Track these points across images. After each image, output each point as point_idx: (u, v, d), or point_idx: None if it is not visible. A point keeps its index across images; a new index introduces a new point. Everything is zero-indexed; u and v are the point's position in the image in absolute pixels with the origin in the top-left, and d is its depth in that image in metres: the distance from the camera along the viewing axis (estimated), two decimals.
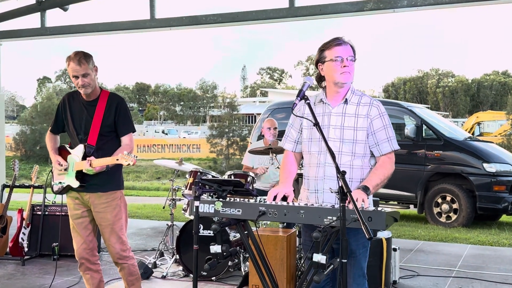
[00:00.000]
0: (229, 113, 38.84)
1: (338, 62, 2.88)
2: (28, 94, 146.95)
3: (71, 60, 3.71)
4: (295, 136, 3.11)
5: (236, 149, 35.57)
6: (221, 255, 2.82)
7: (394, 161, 2.95)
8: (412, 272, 5.49)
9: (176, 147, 41.18)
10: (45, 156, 38.02)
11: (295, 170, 3.12)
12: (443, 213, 8.84)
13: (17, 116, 57.94)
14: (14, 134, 39.06)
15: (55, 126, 4.01)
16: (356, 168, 2.91)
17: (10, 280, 5.27)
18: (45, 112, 39.01)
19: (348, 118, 2.92)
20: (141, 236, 7.53)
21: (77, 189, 3.81)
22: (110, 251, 3.92)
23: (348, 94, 2.95)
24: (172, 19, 8.16)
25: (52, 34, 8.97)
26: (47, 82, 73.20)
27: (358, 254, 2.87)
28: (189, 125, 64.72)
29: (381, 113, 2.93)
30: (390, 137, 2.93)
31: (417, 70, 74.09)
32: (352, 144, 2.90)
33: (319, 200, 2.92)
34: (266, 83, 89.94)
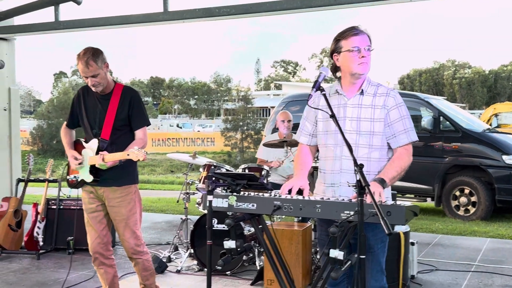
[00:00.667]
0: (243, 106, 38.79)
1: (355, 53, 2.78)
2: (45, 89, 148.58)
3: (79, 60, 3.67)
4: (310, 129, 3.02)
5: (250, 142, 35.52)
6: (235, 251, 2.76)
7: (411, 153, 2.85)
8: (431, 266, 5.39)
9: (190, 140, 41.25)
10: (61, 150, 38.27)
11: (310, 163, 3.03)
12: (461, 206, 8.70)
13: (34, 111, 58.47)
14: (31, 129, 39.40)
15: (71, 120, 3.98)
16: (374, 160, 2.81)
17: (25, 274, 5.27)
18: (61, 106, 39.26)
19: (365, 110, 2.83)
20: (155, 230, 7.51)
21: (91, 183, 3.78)
22: (125, 246, 3.89)
23: (364, 84, 2.86)
24: (185, 11, 8.09)
25: (65, 28, 8.95)
26: (63, 76, 73.67)
27: (376, 249, 2.78)
28: (203, 119, 64.79)
29: (398, 103, 2.83)
30: (408, 128, 2.83)
31: (433, 61, 73.40)
32: (369, 136, 2.81)
33: (336, 194, 2.84)
34: (280, 76, 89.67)
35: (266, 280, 4.71)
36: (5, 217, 5.89)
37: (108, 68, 3.77)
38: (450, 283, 4.89)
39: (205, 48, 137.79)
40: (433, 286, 4.81)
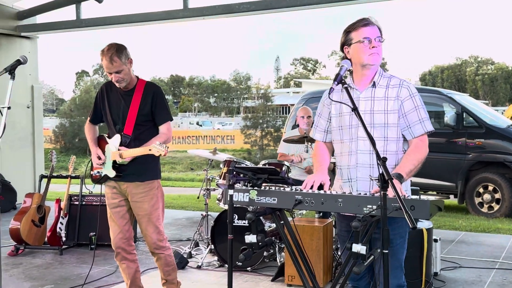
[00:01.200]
0: (263, 104, 38.76)
1: (366, 43, 2.75)
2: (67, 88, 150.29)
3: (103, 56, 3.69)
4: (324, 126, 2.99)
5: (270, 140, 35.48)
6: (256, 245, 2.74)
7: (427, 144, 2.78)
8: (454, 263, 5.31)
9: (210, 138, 41.37)
10: (83, 148, 38.76)
11: (328, 158, 3.01)
12: (484, 203, 8.56)
13: (57, 110, 59.23)
14: (53, 127, 39.93)
15: (94, 116, 4.00)
16: (390, 153, 2.76)
17: (48, 269, 5.34)
18: (83, 105, 39.69)
19: (378, 102, 2.78)
20: (176, 226, 7.54)
21: (114, 178, 3.80)
22: (147, 241, 3.90)
23: (376, 76, 2.81)
24: (205, 8, 8.12)
25: (87, 26, 9.06)
26: (85, 75, 74.54)
27: (395, 245, 2.73)
28: (223, 117, 64.93)
29: (412, 93, 2.78)
30: (423, 119, 2.77)
31: (455, 57, 72.43)
32: (383, 128, 2.76)
33: (353, 189, 2.80)
34: (300, 74, 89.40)
35: (287, 276, 4.69)
36: (28, 213, 5.96)
37: (132, 64, 3.78)
38: (474, 280, 4.81)
39: (224, 46, 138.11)
40: (457, 283, 4.74)
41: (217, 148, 6.04)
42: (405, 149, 2.82)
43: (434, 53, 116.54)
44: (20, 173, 9.53)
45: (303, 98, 10.27)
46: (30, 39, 9.88)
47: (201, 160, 30.27)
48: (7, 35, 9.48)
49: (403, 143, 2.82)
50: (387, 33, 3.33)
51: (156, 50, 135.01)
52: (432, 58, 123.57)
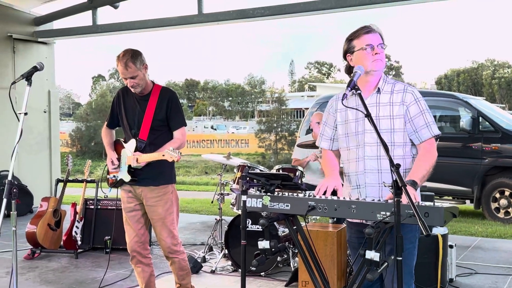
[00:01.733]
0: (277, 108, 38.76)
1: (368, 50, 2.78)
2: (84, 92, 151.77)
3: (119, 62, 3.73)
4: (330, 134, 3.02)
5: (284, 144, 35.45)
6: (269, 251, 2.74)
7: (435, 147, 2.78)
8: (470, 270, 5.26)
9: (224, 142, 41.47)
10: (99, 151, 39.10)
11: (338, 164, 3.02)
12: (501, 208, 8.46)
13: (73, 114, 59.81)
14: (70, 131, 40.33)
15: (111, 121, 4.05)
16: (397, 158, 2.76)
17: (64, 273, 5.39)
18: (99, 109, 40.06)
19: (383, 107, 2.80)
20: (190, 231, 7.57)
21: (129, 183, 3.84)
22: (161, 245, 3.93)
23: (380, 83, 2.83)
24: (219, 13, 8.16)
25: (103, 31, 9.16)
26: (101, 80, 75.16)
27: (404, 250, 2.71)
28: (238, 120, 65.04)
29: (417, 98, 2.79)
30: (429, 122, 2.77)
31: (471, 61, 71.86)
32: (390, 133, 2.77)
33: (361, 195, 2.81)
34: (314, 77, 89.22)
35: (301, 281, 4.67)
36: (44, 217, 6.03)
37: (147, 69, 3.82)
38: (490, 287, 4.76)
39: (239, 50, 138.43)
40: None
41: (231, 152, 6.06)
42: (413, 154, 2.82)
43: (450, 57, 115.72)
44: (36, 177, 9.64)
45: (317, 102, 10.25)
46: (47, 44, 10.01)
47: (215, 164, 30.33)
48: (25, 40, 9.61)
49: (411, 147, 2.82)
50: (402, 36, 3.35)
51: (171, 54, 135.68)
52: (448, 62, 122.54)
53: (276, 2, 7.93)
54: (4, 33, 9.30)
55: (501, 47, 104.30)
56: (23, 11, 9.62)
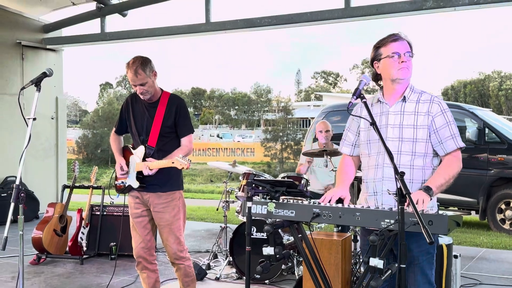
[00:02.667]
0: (283, 117, 38.83)
1: (395, 58, 2.78)
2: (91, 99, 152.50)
3: (128, 69, 3.77)
4: (352, 139, 3.02)
5: (290, 153, 35.46)
6: (273, 257, 2.76)
7: (460, 159, 2.78)
8: (474, 280, 5.24)
9: (230, 150, 41.51)
10: (105, 159, 39.26)
11: (353, 174, 3.03)
12: (507, 219, 8.43)
13: (80, 121, 60.09)
14: (76, 138, 40.53)
15: (120, 127, 4.09)
16: (417, 168, 2.77)
17: (69, 279, 5.41)
18: (106, 116, 40.27)
19: (407, 116, 2.80)
20: (195, 238, 7.58)
21: (137, 189, 3.87)
22: (168, 251, 3.95)
23: (407, 91, 2.83)
24: (227, 22, 8.22)
25: (111, 39, 9.23)
26: (109, 87, 75.53)
27: (421, 261, 2.72)
28: (244, 129, 65.13)
29: (443, 109, 2.79)
30: (455, 134, 2.77)
31: (478, 72, 71.59)
32: (412, 143, 2.77)
33: (378, 202, 2.81)
34: (321, 87, 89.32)
35: None
36: (50, 222, 6.06)
37: (156, 77, 3.86)
38: None
39: (245, 59, 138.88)
40: None
41: (237, 161, 6.08)
42: (433, 165, 2.82)
43: (457, 68, 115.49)
44: (43, 183, 9.69)
45: (323, 111, 10.28)
46: (55, 51, 10.10)
47: (221, 172, 30.37)
48: (33, 47, 9.71)
49: (432, 158, 2.82)
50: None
51: (178, 62, 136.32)
52: (455, 73, 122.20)
53: (283, 12, 7.99)
54: (13, 40, 9.40)
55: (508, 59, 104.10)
56: (32, 18, 9.72)
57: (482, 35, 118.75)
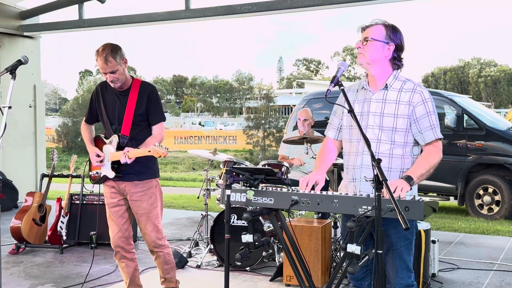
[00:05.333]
0: (265, 104, 38.80)
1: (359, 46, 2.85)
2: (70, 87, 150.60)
3: (98, 56, 3.70)
4: (337, 124, 3.04)
5: (272, 141, 35.52)
6: (252, 245, 2.77)
7: (441, 149, 2.81)
8: (452, 265, 5.33)
9: (212, 138, 41.39)
10: (85, 147, 38.82)
11: (333, 158, 3.04)
12: (484, 205, 8.57)
13: (59, 109, 59.39)
14: (56, 126, 40.05)
15: (90, 116, 4.03)
16: (396, 157, 2.79)
17: (49, 268, 5.37)
18: (86, 104, 39.53)
19: (389, 105, 2.81)
20: (176, 226, 7.57)
21: (113, 179, 3.83)
22: (146, 239, 3.94)
23: (390, 79, 2.84)
24: (207, 9, 8.15)
25: (89, 26, 9.10)
26: (88, 75, 74.61)
27: (399, 247, 2.76)
28: (226, 117, 64.99)
29: (425, 99, 2.80)
30: (434, 125, 2.79)
31: (458, 59, 72.35)
32: (391, 132, 2.79)
33: (356, 189, 2.84)
34: (303, 75, 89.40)
35: (285, 276, 4.72)
36: (29, 212, 6.00)
37: (127, 64, 3.81)
38: (472, 282, 4.83)
39: (227, 46, 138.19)
40: (454, 284, 4.76)
41: (219, 149, 6.07)
42: (413, 154, 2.85)
43: (437, 55, 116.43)
44: (22, 172, 9.58)
45: (304, 99, 10.29)
46: (32, 38, 9.93)
47: (203, 160, 30.29)
48: (10, 34, 9.53)
49: (413, 147, 2.84)
50: None
51: (159, 50, 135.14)
52: (435, 60, 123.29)
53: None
54: None
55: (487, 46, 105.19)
56: (8, 5, 9.53)
57: (462, 22, 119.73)
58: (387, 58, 2.84)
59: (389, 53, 2.83)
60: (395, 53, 2.85)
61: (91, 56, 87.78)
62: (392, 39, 2.81)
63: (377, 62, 2.83)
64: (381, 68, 2.85)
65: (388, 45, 2.81)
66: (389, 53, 2.83)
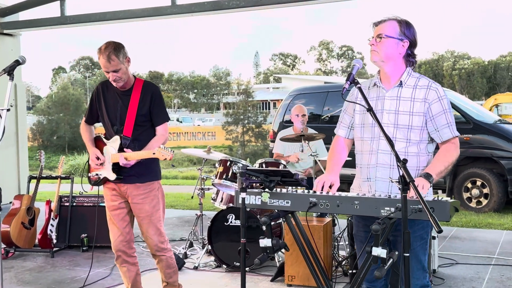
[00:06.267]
0: (244, 100, 38.73)
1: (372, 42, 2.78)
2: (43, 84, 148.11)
3: (101, 55, 3.58)
4: (348, 122, 2.95)
5: (251, 136, 35.51)
6: (271, 249, 2.69)
7: (458, 146, 2.77)
8: (451, 260, 5.33)
9: (191, 135, 41.15)
10: (62, 145, 38.25)
11: (345, 157, 2.97)
12: (473, 198, 8.63)
13: (33, 107, 58.35)
14: (31, 125, 39.31)
15: (90, 117, 3.90)
16: (412, 155, 2.74)
17: (41, 273, 5.21)
18: (61, 102, 39.12)
19: (403, 102, 2.74)
20: (167, 226, 7.43)
21: (114, 181, 3.71)
22: (148, 243, 3.83)
23: (404, 76, 2.77)
24: (193, 4, 8.00)
25: (72, 23, 8.88)
26: (62, 72, 73.39)
27: (415, 247, 2.70)
28: (203, 113, 64.69)
29: (440, 96, 2.74)
30: (451, 122, 2.74)
31: (432, 52, 73.30)
32: (407, 130, 2.73)
33: (371, 189, 2.77)
34: (279, 69, 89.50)
35: (287, 276, 4.65)
36: (18, 215, 5.82)
37: (130, 63, 3.69)
38: (473, 277, 4.83)
39: (203, 41, 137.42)
40: (456, 280, 4.75)
41: (198, 145, 5.97)
42: (428, 152, 2.80)
43: None
44: (4, 173, 9.30)
45: (291, 94, 10.23)
46: (12, 36, 9.64)
47: (182, 157, 30.06)
48: None
49: (427, 145, 2.79)
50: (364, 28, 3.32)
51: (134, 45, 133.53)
52: None
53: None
54: None
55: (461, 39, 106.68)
56: None
57: (436, 15, 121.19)
58: (401, 55, 2.77)
59: (404, 50, 2.77)
60: (409, 49, 2.79)
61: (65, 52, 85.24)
62: (406, 36, 2.75)
63: (391, 59, 2.76)
64: (395, 65, 2.78)
65: (403, 41, 2.74)
66: (403, 50, 2.76)
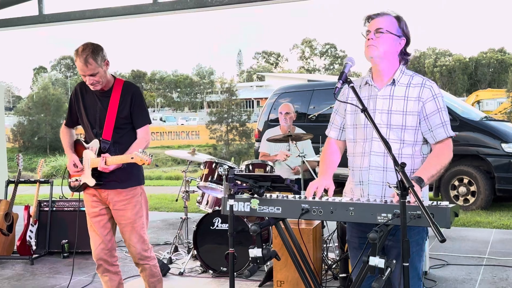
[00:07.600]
0: (227, 98, 38.48)
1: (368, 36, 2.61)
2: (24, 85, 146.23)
3: (78, 57, 3.38)
4: (339, 122, 2.80)
5: (235, 135, 35.30)
6: (261, 259, 2.54)
7: (452, 148, 2.62)
8: (442, 261, 5.24)
9: (175, 134, 40.80)
10: (43, 146, 37.67)
11: (337, 160, 2.81)
12: (460, 196, 8.58)
13: (14, 107, 57.46)
14: (11, 126, 38.64)
15: (70, 119, 3.71)
16: (406, 157, 2.59)
17: (20, 281, 5.01)
18: (41, 102, 38.51)
19: (397, 101, 2.60)
20: (151, 229, 7.25)
21: (94, 187, 3.53)
22: (131, 251, 3.65)
23: (397, 74, 2.63)
24: (176, 2, 7.78)
25: (50, 21, 8.60)
26: (43, 71, 72.43)
27: (411, 253, 2.57)
28: (187, 112, 64.31)
29: (435, 94, 2.60)
30: (445, 122, 2.60)
31: (414, 49, 73.72)
32: (400, 130, 2.59)
33: (364, 192, 2.63)
34: (262, 67, 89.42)
35: (276, 281, 4.51)
36: None
37: (108, 66, 3.50)
38: (464, 278, 4.74)
39: (186, 40, 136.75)
40: (448, 282, 4.65)
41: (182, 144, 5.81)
42: (423, 153, 2.65)
43: None
44: None
45: (276, 93, 10.11)
46: None
47: (166, 157, 29.77)
48: None
49: (422, 146, 2.65)
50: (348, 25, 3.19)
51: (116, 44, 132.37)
52: None
53: None
54: None
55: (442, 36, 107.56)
56: None
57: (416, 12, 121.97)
58: (397, 53, 2.64)
59: (400, 47, 2.64)
60: (404, 47, 2.66)
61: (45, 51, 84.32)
62: (405, 33, 2.62)
63: (389, 56, 2.62)
64: (389, 62, 2.65)
65: (401, 39, 2.62)
66: (400, 48, 2.64)
